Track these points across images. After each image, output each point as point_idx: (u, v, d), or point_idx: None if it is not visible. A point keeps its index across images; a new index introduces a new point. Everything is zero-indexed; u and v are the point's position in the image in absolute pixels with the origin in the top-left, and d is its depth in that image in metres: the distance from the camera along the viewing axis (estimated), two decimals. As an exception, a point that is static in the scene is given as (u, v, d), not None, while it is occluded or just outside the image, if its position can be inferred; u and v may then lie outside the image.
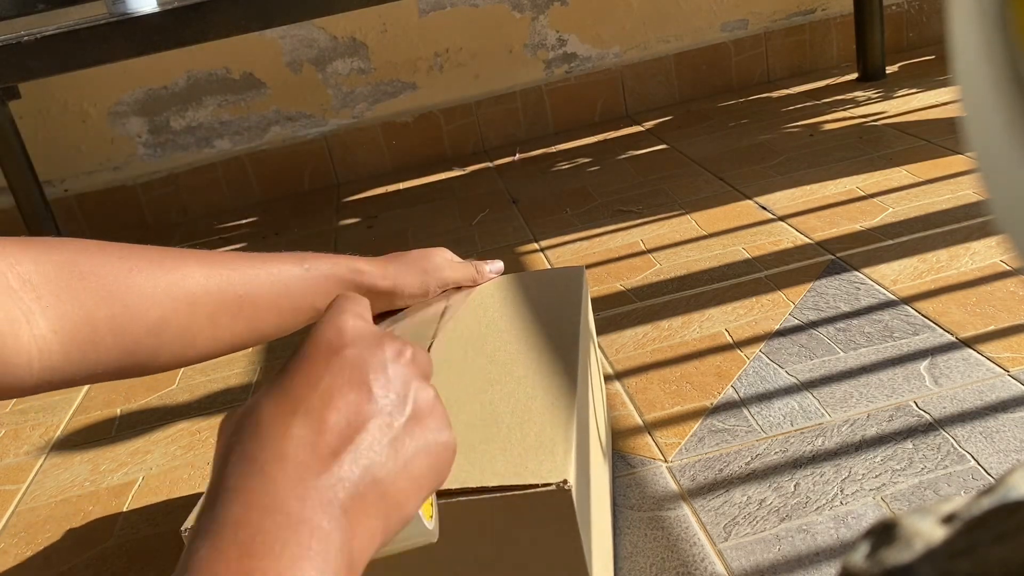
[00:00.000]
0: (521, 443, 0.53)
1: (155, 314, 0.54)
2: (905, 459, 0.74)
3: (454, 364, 0.64)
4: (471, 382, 0.61)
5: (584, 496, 0.54)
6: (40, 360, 0.49)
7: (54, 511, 0.92)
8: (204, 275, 0.58)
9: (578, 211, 1.48)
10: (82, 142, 1.89)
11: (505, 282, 0.77)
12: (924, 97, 1.71)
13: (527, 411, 0.56)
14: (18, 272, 0.49)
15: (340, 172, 1.98)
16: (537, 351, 0.64)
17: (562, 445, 0.52)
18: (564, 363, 0.62)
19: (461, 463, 0.52)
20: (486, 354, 0.65)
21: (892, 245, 1.12)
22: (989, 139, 0.19)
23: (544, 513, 0.50)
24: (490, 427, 0.55)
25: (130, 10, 1.39)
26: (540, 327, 0.67)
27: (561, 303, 0.71)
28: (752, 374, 0.90)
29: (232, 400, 1.07)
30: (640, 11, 1.98)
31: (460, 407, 0.58)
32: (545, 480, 0.49)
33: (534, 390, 0.59)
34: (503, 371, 0.62)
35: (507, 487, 0.50)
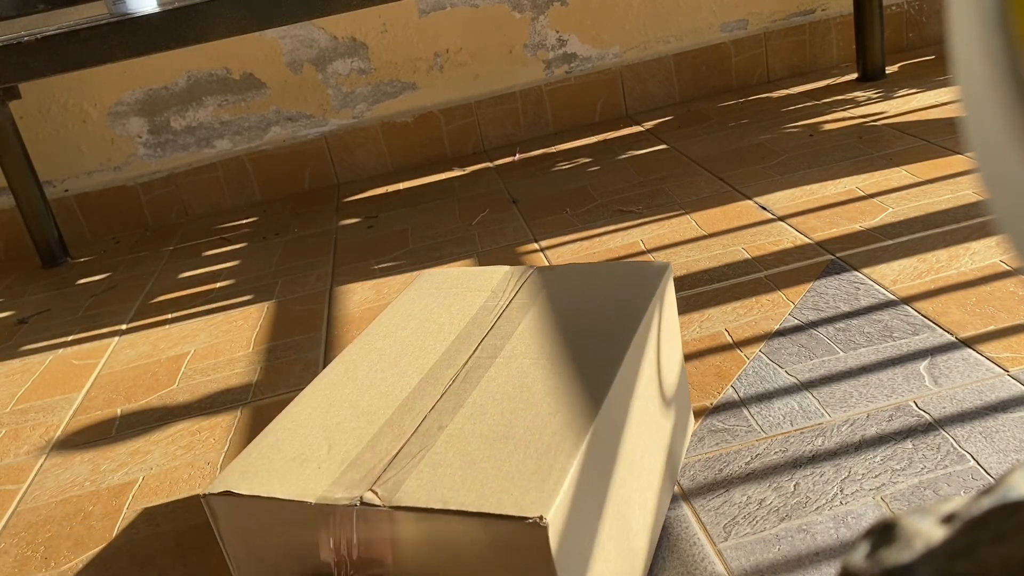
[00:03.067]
0: (520, 465, 0.52)
1: None
2: (905, 459, 0.74)
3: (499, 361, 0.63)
4: (502, 386, 0.60)
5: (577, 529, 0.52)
6: None
7: (54, 511, 0.92)
8: None
9: (578, 211, 1.48)
10: (82, 142, 1.89)
11: (578, 272, 0.74)
12: (924, 97, 1.71)
13: (541, 429, 0.54)
14: None
15: (340, 172, 1.98)
16: (580, 358, 0.61)
17: (556, 475, 0.50)
18: (600, 377, 0.59)
19: (456, 479, 0.52)
20: (530, 354, 0.63)
21: (892, 245, 1.12)
22: (989, 139, 0.19)
23: (520, 545, 0.49)
24: (499, 442, 0.54)
25: (130, 10, 1.39)
26: (595, 330, 0.64)
27: (628, 303, 0.67)
28: (752, 374, 0.90)
29: (232, 400, 1.07)
30: (640, 11, 1.98)
31: (482, 414, 0.57)
32: (523, 513, 0.48)
33: (558, 405, 0.57)
34: (539, 376, 0.60)
35: (485, 514, 0.49)
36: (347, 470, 0.55)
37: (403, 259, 1.42)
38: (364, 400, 0.62)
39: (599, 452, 0.56)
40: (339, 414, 0.61)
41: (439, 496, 0.51)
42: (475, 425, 0.56)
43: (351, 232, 1.61)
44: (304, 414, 0.62)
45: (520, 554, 0.49)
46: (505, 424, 0.56)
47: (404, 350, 0.67)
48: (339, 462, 0.56)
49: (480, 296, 0.73)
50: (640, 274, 0.73)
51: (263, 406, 1.04)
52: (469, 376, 0.62)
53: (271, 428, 0.61)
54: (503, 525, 0.48)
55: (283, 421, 0.62)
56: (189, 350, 1.25)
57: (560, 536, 0.49)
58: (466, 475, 0.52)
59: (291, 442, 0.59)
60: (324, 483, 0.54)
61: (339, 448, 0.57)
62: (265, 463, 0.57)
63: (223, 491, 0.55)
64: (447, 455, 0.54)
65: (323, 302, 1.32)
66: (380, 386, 0.63)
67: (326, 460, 0.56)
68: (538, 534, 0.48)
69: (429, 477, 0.52)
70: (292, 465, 0.56)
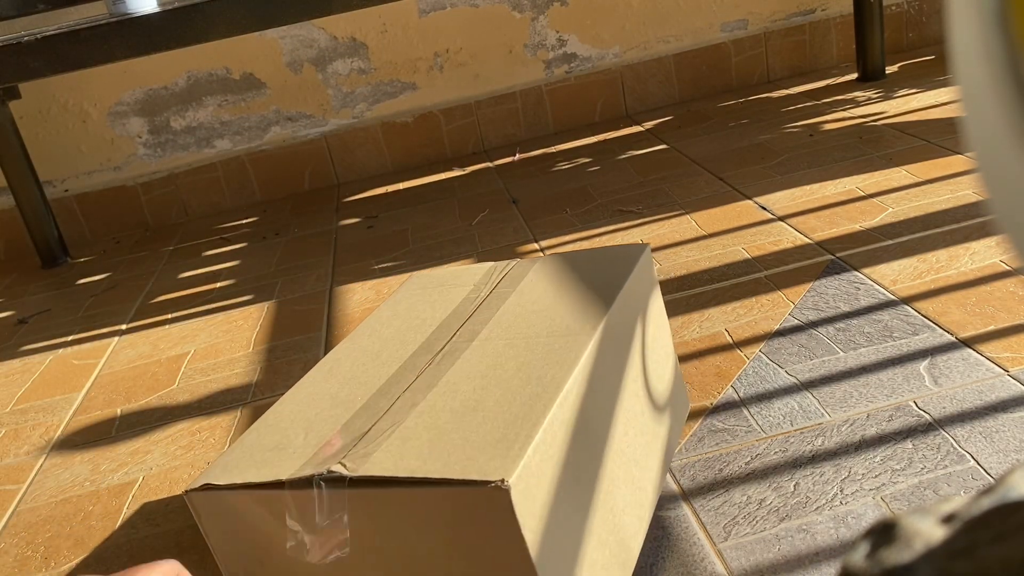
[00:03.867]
0: (488, 435, 0.52)
1: None
2: (905, 459, 0.74)
3: (475, 344, 0.64)
4: (477, 364, 0.61)
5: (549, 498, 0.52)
6: None
7: (54, 511, 0.92)
8: None
9: (578, 211, 1.48)
10: (82, 142, 1.89)
11: (558, 260, 0.75)
12: (924, 97, 1.71)
13: (511, 401, 0.55)
14: None
15: (340, 172, 1.98)
16: (554, 336, 0.62)
17: (521, 442, 0.51)
18: (571, 353, 0.60)
19: (423, 450, 0.52)
20: (505, 337, 0.64)
21: (892, 245, 1.12)
22: (989, 139, 0.19)
23: (486, 511, 0.49)
24: (469, 415, 0.55)
25: (130, 10, 1.39)
26: (570, 310, 0.66)
27: (603, 284, 0.68)
28: (752, 374, 0.90)
29: (232, 400, 1.07)
30: (640, 11, 1.98)
31: (454, 391, 0.58)
32: (486, 477, 0.48)
33: (529, 378, 0.58)
34: (512, 355, 0.61)
35: (450, 480, 0.49)
36: (320, 450, 0.56)
37: (403, 259, 1.42)
38: (344, 391, 0.63)
39: (572, 423, 0.56)
40: (319, 406, 0.62)
41: (405, 465, 0.51)
42: (447, 401, 0.57)
43: (351, 232, 1.61)
44: (286, 410, 0.63)
45: (486, 519, 0.50)
46: (476, 399, 0.57)
47: (385, 344, 0.68)
48: (314, 445, 0.57)
49: (463, 291, 0.74)
50: (617, 256, 0.74)
51: (263, 406, 1.04)
52: (444, 359, 0.63)
53: (254, 426, 0.62)
54: (467, 492, 0.49)
55: (266, 419, 0.63)
56: (189, 350, 1.25)
57: (526, 501, 0.49)
58: (434, 446, 0.52)
59: (272, 434, 0.60)
60: (297, 464, 0.55)
61: (315, 434, 0.58)
62: (245, 456, 0.58)
63: (203, 485, 0.56)
64: (417, 429, 0.55)
65: (323, 302, 1.32)
66: (360, 378, 0.64)
67: (302, 446, 0.57)
68: (501, 497, 0.48)
69: (398, 448, 0.53)
70: (270, 455, 0.57)
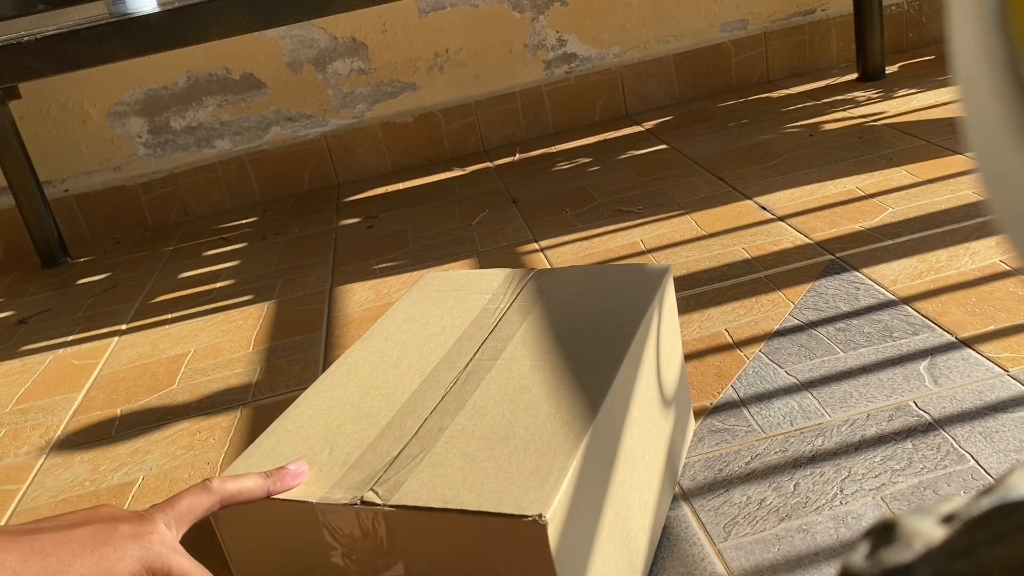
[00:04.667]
0: (520, 465, 0.52)
1: None
2: (905, 459, 0.74)
3: (500, 363, 0.63)
4: (503, 387, 0.60)
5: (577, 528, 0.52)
6: None
7: (54, 511, 0.92)
8: None
9: (578, 211, 1.48)
10: (82, 142, 1.89)
11: (578, 274, 0.75)
12: (924, 97, 1.71)
13: (541, 429, 0.55)
14: None
15: (340, 172, 1.98)
16: (580, 360, 0.62)
17: (556, 475, 0.50)
18: (600, 379, 0.59)
19: (456, 479, 0.52)
20: (531, 357, 0.63)
21: (892, 245, 1.12)
22: (989, 139, 0.19)
23: (520, 543, 0.49)
24: (500, 442, 0.54)
25: (130, 10, 1.39)
26: (595, 332, 0.65)
27: (628, 306, 0.68)
28: (752, 374, 0.90)
29: (232, 400, 1.07)
30: (640, 11, 1.98)
31: (483, 415, 0.58)
32: (523, 511, 0.48)
33: (558, 406, 0.57)
34: (537, 379, 0.60)
35: (485, 512, 0.49)
36: (348, 471, 0.55)
37: (403, 259, 1.42)
38: (365, 402, 0.62)
39: (599, 452, 0.56)
40: (340, 416, 0.61)
41: (439, 495, 0.51)
42: (475, 426, 0.57)
43: (351, 232, 1.61)
44: (306, 416, 0.62)
45: (520, 552, 0.49)
46: (505, 425, 0.56)
47: (405, 352, 0.68)
48: (340, 464, 0.56)
49: (481, 299, 0.73)
50: (640, 276, 0.73)
51: (263, 406, 1.04)
52: (470, 378, 0.62)
53: (272, 429, 0.61)
54: (503, 524, 0.49)
55: (285, 423, 0.62)
56: (189, 350, 1.25)
57: (559, 534, 0.49)
58: (466, 475, 0.52)
59: (293, 444, 0.59)
60: (326, 484, 0.54)
61: (340, 450, 0.57)
62: (267, 464, 0.57)
63: None
64: (448, 455, 0.54)
65: (323, 302, 1.32)
66: (381, 388, 0.63)
67: (328, 462, 0.56)
68: (537, 532, 0.48)
69: (429, 477, 0.53)
70: None
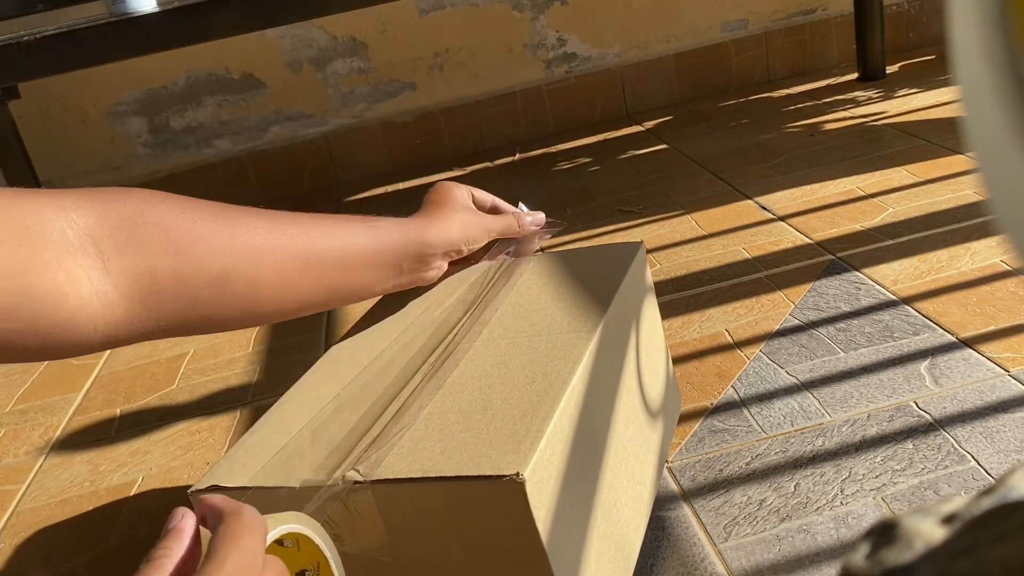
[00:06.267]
0: (498, 432, 0.53)
1: (218, 265, 0.54)
2: (905, 459, 0.74)
3: (478, 344, 0.64)
4: (481, 364, 0.61)
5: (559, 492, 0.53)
6: (104, 317, 0.49)
7: (54, 511, 0.92)
8: (267, 228, 0.57)
9: (578, 211, 1.48)
10: (82, 142, 1.89)
11: (551, 258, 0.76)
12: (924, 97, 1.71)
13: (518, 399, 0.56)
14: (79, 227, 0.48)
15: (340, 172, 1.98)
16: (555, 334, 0.63)
17: (532, 436, 0.51)
18: (574, 349, 0.60)
19: (436, 450, 0.53)
20: (507, 336, 0.64)
21: (892, 245, 1.12)
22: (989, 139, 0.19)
23: (500, 505, 0.50)
24: (477, 414, 0.55)
25: (130, 10, 1.39)
26: (570, 308, 0.66)
27: (600, 282, 0.69)
28: (752, 374, 0.90)
29: (232, 400, 1.07)
30: (640, 11, 1.98)
31: (461, 391, 0.58)
32: (500, 472, 0.49)
33: (534, 376, 0.58)
34: (515, 353, 0.61)
35: (464, 477, 0.50)
36: (330, 455, 0.56)
37: (403, 259, 1.42)
38: (347, 392, 0.63)
39: (579, 419, 0.57)
40: (323, 407, 0.62)
41: (419, 466, 0.51)
42: (454, 402, 0.57)
43: (351, 232, 1.61)
44: (289, 411, 0.63)
45: (500, 513, 0.50)
46: (483, 398, 0.57)
47: (386, 343, 0.68)
48: (322, 448, 0.56)
49: (459, 289, 0.74)
50: (612, 255, 0.74)
51: (263, 406, 1.04)
52: (449, 360, 0.63)
53: (256, 427, 0.62)
54: (482, 486, 0.49)
55: (268, 419, 0.62)
56: (189, 350, 1.25)
57: (539, 494, 0.50)
58: (445, 446, 0.53)
59: (276, 437, 0.60)
60: (309, 468, 0.55)
61: (322, 437, 0.58)
62: (251, 457, 0.58)
63: (209, 486, 0.56)
64: (427, 431, 0.55)
65: (323, 302, 1.32)
66: (362, 378, 0.64)
67: (310, 449, 0.57)
68: (516, 490, 0.48)
69: (409, 451, 0.53)
70: (277, 458, 0.57)
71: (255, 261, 0.56)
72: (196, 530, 0.42)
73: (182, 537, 0.41)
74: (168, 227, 0.52)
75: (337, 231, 0.61)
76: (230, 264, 0.54)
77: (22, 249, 0.46)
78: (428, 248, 0.67)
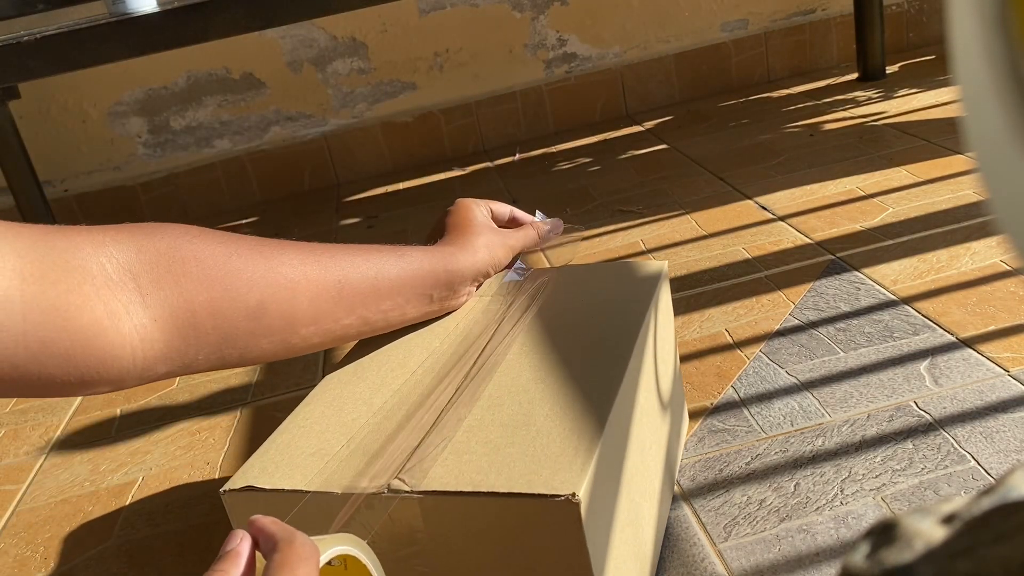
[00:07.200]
0: (544, 449, 0.52)
1: (254, 298, 0.54)
2: (905, 459, 0.74)
3: (511, 357, 0.64)
4: (515, 379, 0.61)
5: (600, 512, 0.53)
6: (143, 351, 0.50)
7: (54, 511, 0.92)
8: (301, 260, 0.58)
9: (578, 211, 1.48)
10: (82, 142, 1.89)
11: (575, 272, 0.76)
12: (924, 97, 1.71)
13: (561, 416, 0.56)
14: (118, 262, 0.49)
15: (340, 172, 1.98)
16: (592, 351, 0.63)
17: (583, 456, 0.51)
18: (614, 367, 0.60)
19: (482, 464, 0.52)
20: (539, 351, 0.64)
21: (892, 245, 1.12)
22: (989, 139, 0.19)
23: (552, 523, 0.50)
24: (520, 429, 0.55)
25: (130, 10, 1.39)
26: (601, 325, 0.66)
27: (630, 301, 0.69)
28: (752, 374, 0.90)
29: (232, 400, 1.07)
30: (640, 11, 1.98)
31: (500, 405, 0.58)
32: (555, 491, 0.49)
33: (575, 394, 0.58)
34: (552, 369, 0.61)
35: (516, 494, 0.49)
36: (370, 461, 0.55)
37: (403, 259, 1.42)
38: (377, 398, 0.62)
39: (615, 439, 0.57)
40: (353, 411, 0.61)
41: (468, 480, 0.51)
42: (494, 415, 0.57)
43: (351, 232, 1.61)
44: (317, 412, 0.62)
45: (552, 533, 0.50)
46: (524, 414, 0.57)
47: (411, 351, 0.68)
48: (360, 455, 0.56)
49: (480, 300, 0.73)
50: (638, 273, 0.74)
51: (263, 406, 1.04)
52: (481, 373, 0.63)
53: (285, 426, 0.61)
54: (535, 505, 0.49)
55: (296, 419, 0.61)
56: (189, 350, 1.24)
57: (590, 515, 0.50)
58: (492, 460, 0.52)
59: (307, 439, 0.59)
60: (348, 475, 0.54)
61: (358, 442, 0.57)
62: (284, 459, 0.57)
63: (244, 487, 0.55)
64: (469, 444, 0.55)
65: (323, 302, 1.32)
66: (392, 384, 0.63)
67: (346, 454, 0.56)
68: (571, 511, 0.48)
69: (455, 463, 0.53)
70: (312, 460, 0.56)
71: (290, 292, 0.56)
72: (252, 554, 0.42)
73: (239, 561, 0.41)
74: (204, 261, 0.53)
75: (369, 260, 0.62)
76: (266, 296, 0.55)
77: (62, 283, 0.46)
78: (457, 276, 0.67)
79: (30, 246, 0.46)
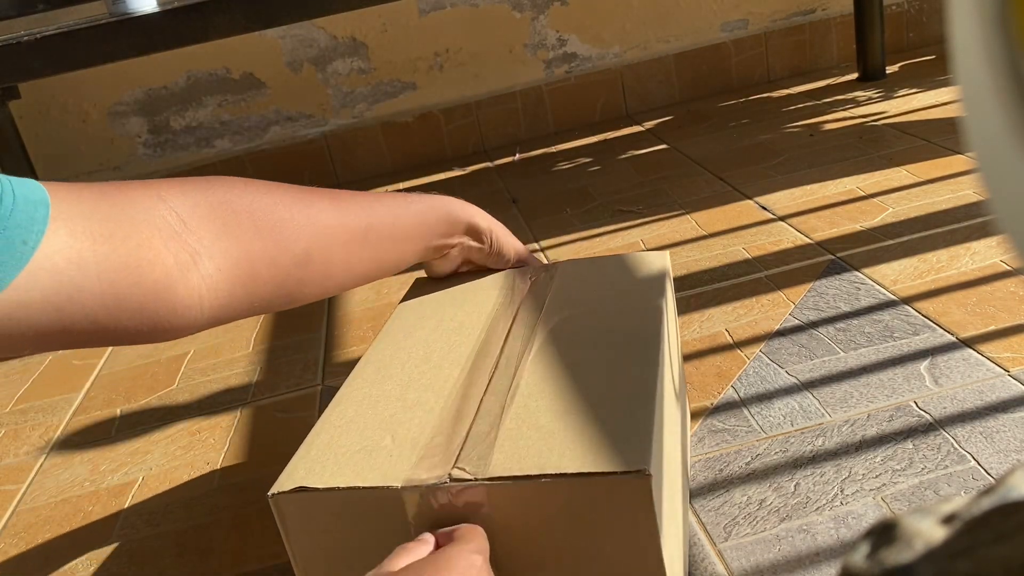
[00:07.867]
0: (600, 431, 0.53)
1: (300, 246, 0.58)
2: (905, 459, 0.74)
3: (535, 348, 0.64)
4: (549, 367, 0.61)
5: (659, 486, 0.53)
6: (210, 299, 0.52)
7: (54, 511, 0.92)
8: (334, 207, 0.61)
9: (578, 211, 1.48)
10: (82, 142, 1.89)
11: (580, 265, 0.76)
12: (924, 97, 1.71)
13: (607, 400, 0.56)
14: (179, 215, 0.51)
15: (340, 172, 1.98)
16: (619, 337, 0.63)
17: (642, 434, 0.52)
18: (648, 350, 0.61)
19: (541, 448, 0.52)
20: (567, 339, 0.64)
21: (892, 245, 1.12)
22: (989, 139, 0.19)
23: (622, 501, 0.50)
24: (568, 414, 0.55)
25: (130, 10, 1.39)
26: (621, 313, 0.67)
27: (643, 290, 0.70)
28: (752, 374, 0.90)
29: (232, 400, 1.07)
30: (640, 11, 1.98)
31: (540, 393, 0.58)
32: (624, 468, 0.49)
33: (616, 379, 0.58)
34: (585, 357, 0.62)
35: (586, 473, 0.50)
36: (424, 454, 0.54)
37: (403, 259, 1.42)
38: (410, 394, 0.61)
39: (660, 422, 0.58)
40: (389, 408, 0.60)
41: (533, 463, 0.51)
42: (537, 403, 0.57)
43: (351, 232, 1.61)
44: (351, 411, 0.61)
45: (622, 511, 0.50)
46: (566, 399, 0.57)
47: (431, 347, 0.67)
48: (410, 448, 0.55)
49: (491, 294, 0.73)
50: (643, 263, 0.75)
51: (263, 406, 1.04)
52: (510, 363, 0.63)
53: (321, 427, 0.60)
54: (606, 483, 0.49)
55: (331, 419, 0.60)
56: (189, 350, 1.25)
57: (656, 491, 0.51)
58: (550, 443, 0.52)
59: (348, 437, 0.58)
60: (403, 468, 0.53)
61: (404, 437, 0.56)
62: (329, 457, 0.56)
63: (295, 488, 0.53)
64: (521, 430, 0.54)
65: (323, 302, 1.32)
66: (421, 380, 0.63)
67: (395, 449, 0.55)
68: (642, 486, 0.49)
69: (512, 449, 0.53)
70: (359, 456, 0.55)
71: (328, 238, 0.60)
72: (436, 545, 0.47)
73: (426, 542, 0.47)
74: (255, 213, 0.55)
75: (387, 206, 0.65)
76: (311, 244, 0.58)
77: (132, 239, 0.48)
78: (453, 217, 0.70)
79: (93, 206, 0.47)
